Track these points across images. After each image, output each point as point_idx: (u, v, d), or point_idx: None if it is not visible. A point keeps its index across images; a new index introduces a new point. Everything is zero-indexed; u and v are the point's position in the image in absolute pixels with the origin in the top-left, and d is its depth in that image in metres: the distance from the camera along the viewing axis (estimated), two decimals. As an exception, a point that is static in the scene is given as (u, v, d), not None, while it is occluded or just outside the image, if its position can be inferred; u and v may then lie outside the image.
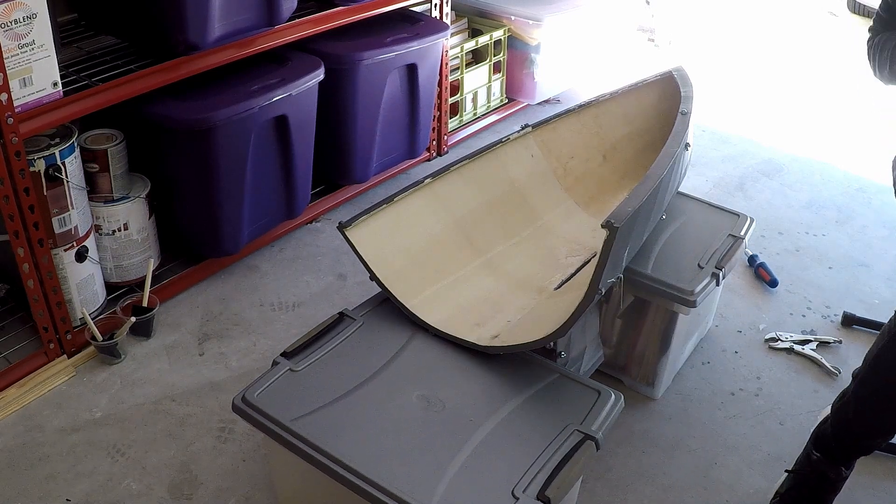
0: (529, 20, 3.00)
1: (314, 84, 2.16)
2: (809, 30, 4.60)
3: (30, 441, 1.69)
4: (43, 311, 1.80)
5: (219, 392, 1.84)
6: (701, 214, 1.96)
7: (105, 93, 1.78)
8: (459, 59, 2.89)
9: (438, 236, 1.75)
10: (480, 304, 1.66)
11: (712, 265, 1.74)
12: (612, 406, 1.38)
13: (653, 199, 1.49)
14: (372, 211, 1.64)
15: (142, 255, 2.05)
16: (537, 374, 1.44)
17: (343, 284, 2.23)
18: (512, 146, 1.96)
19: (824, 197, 2.76)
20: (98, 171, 1.92)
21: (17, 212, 1.66)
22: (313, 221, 2.50)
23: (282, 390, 1.37)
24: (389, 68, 2.39)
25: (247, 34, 2.03)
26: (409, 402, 1.37)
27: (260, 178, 2.14)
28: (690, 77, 1.95)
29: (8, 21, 1.53)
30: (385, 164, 2.63)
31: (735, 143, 3.15)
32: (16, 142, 1.61)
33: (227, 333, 2.03)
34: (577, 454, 1.26)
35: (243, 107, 1.96)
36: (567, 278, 1.75)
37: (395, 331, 1.54)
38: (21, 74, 1.59)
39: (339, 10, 2.28)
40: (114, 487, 1.60)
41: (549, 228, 1.92)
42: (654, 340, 1.80)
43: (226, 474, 1.64)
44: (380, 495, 1.18)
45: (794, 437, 1.77)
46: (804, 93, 3.66)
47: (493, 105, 3.16)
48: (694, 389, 1.91)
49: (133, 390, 1.84)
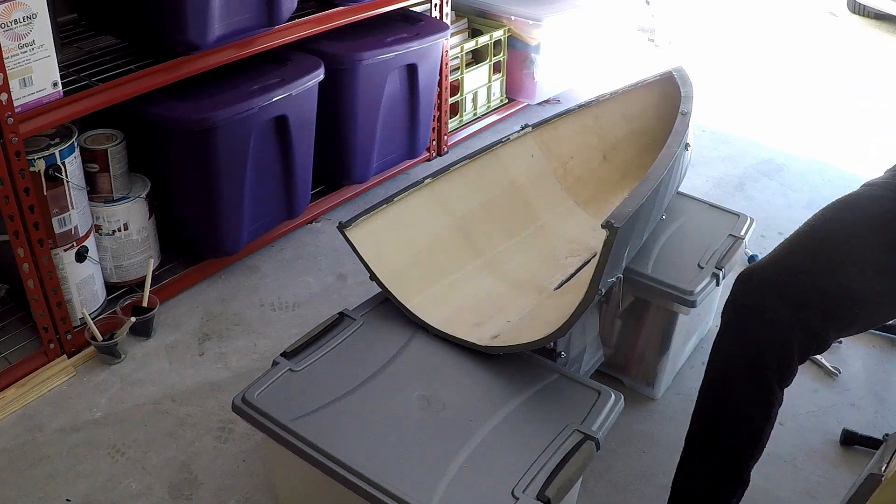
0: (529, 20, 3.00)
1: (314, 84, 2.16)
2: (809, 30, 4.60)
3: (30, 441, 1.69)
4: (43, 311, 1.80)
5: (219, 392, 1.84)
6: (701, 214, 1.95)
7: (105, 93, 1.78)
8: (459, 59, 2.89)
9: (438, 236, 1.75)
10: (480, 304, 1.66)
11: (712, 265, 1.74)
12: (612, 406, 1.38)
13: (653, 199, 1.49)
14: (372, 211, 1.64)
15: (142, 255, 2.05)
16: (537, 374, 1.44)
17: (343, 284, 2.23)
18: (512, 146, 1.96)
19: (824, 197, 2.75)
20: (98, 171, 1.92)
21: (17, 212, 1.66)
22: (313, 221, 2.50)
23: (282, 390, 1.37)
24: (389, 68, 2.39)
25: (247, 34, 2.03)
26: (409, 402, 1.37)
27: (260, 178, 2.14)
28: (690, 77, 1.95)
29: (8, 21, 1.53)
30: (385, 164, 2.64)
31: (735, 143, 3.15)
32: (16, 142, 1.61)
33: (227, 333, 2.03)
34: (577, 454, 1.26)
35: (243, 107, 1.96)
36: (567, 278, 1.75)
37: (395, 331, 1.54)
38: (21, 74, 1.59)
39: (339, 10, 2.28)
40: (114, 487, 1.60)
41: (549, 228, 1.92)
42: (654, 340, 1.80)
43: (226, 474, 1.64)
44: (380, 495, 1.18)
45: (794, 437, 1.77)
46: (804, 93, 3.66)
47: (493, 105, 3.16)
48: (694, 389, 1.89)
49: (133, 390, 1.84)
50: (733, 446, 1.33)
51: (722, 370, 1.30)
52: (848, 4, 4.89)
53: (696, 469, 1.40)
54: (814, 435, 1.78)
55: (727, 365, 1.29)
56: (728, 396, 1.30)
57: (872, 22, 4.71)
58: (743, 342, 1.26)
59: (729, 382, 1.29)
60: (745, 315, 1.26)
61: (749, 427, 1.30)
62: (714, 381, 1.33)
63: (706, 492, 1.39)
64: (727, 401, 1.30)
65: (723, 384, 1.30)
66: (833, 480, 1.68)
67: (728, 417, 1.31)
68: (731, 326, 1.29)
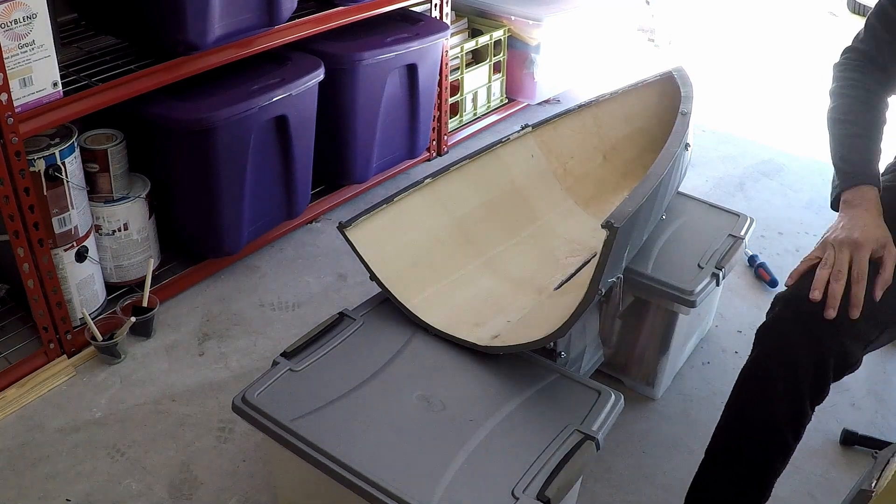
0: (529, 20, 3.00)
1: (314, 84, 2.16)
2: (809, 30, 4.60)
3: (30, 441, 1.69)
4: (43, 311, 1.80)
5: (219, 392, 1.84)
6: (701, 214, 1.95)
7: (105, 93, 1.78)
8: (459, 59, 2.89)
9: (438, 236, 1.75)
10: (480, 304, 1.66)
11: (712, 265, 1.74)
12: (612, 406, 1.38)
13: (653, 199, 1.49)
14: (372, 211, 1.64)
15: (142, 255, 2.05)
16: (537, 374, 1.44)
17: (343, 284, 2.23)
18: (512, 146, 1.96)
19: (824, 197, 2.75)
20: (98, 171, 1.92)
21: (17, 212, 1.66)
22: (313, 221, 2.50)
23: (282, 390, 1.37)
24: (389, 68, 2.39)
25: (247, 34, 2.03)
26: (409, 402, 1.37)
27: (260, 178, 2.14)
28: (690, 77, 1.95)
29: (8, 21, 1.53)
30: (385, 164, 2.64)
31: (735, 143, 3.15)
32: (16, 142, 1.61)
33: (227, 333, 2.03)
34: (577, 454, 1.26)
35: (243, 107, 1.96)
36: (567, 278, 1.75)
37: (395, 331, 1.54)
38: (21, 74, 1.59)
39: (339, 10, 2.28)
40: (114, 487, 1.60)
41: (549, 228, 1.92)
42: (654, 340, 1.80)
43: (226, 474, 1.64)
44: (380, 495, 1.18)
45: (794, 437, 1.77)
46: (804, 93, 3.66)
47: (493, 105, 3.16)
48: (694, 389, 1.91)
49: (133, 390, 1.84)
50: (762, 461, 1.33)
51: (757, 388, 1.31)
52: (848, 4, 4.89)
53: (720, 481, 1.40)
54: (814, 435, 1.78)
55: (764, 383, 1.29)
56: (762, 413, 1.30)
57: (872, 22, 4.70)
58: (781, 362, 1.26)
59: (764, 400, 1.29)
60: (783, 336, 1.26)
61: (780, 443, 1.31)
62: (748, 397, 1.33)
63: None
64: (760, 418, 1.31)
65: (757, 400, 1.31)
66: (833, 480, 1.68)
67: (760, 433, 1.32)
68: (768, 346, 1.29)
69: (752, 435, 1.33)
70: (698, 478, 1.44)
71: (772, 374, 1.27)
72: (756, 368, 1.31)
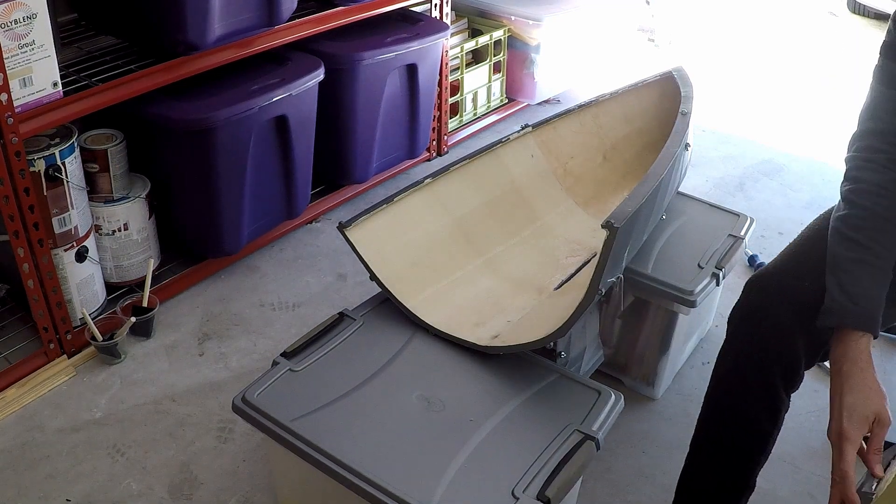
0: (529, 20, 3.00)
1: (314, 84, 2.16)
2: (809, 30, 4.60)
3: (30, 441, 1.69)
4: (43, 311, 1.80)
5: (219, 392, 1.84)
6: (701, 214, 1.95)
7: (105, 93, 1.78)
8: (459, 59, 2.89)
9: (438, 236, 1.75)
10: (480, 304, 1.66)
11: (712, 265, 1.74)
12: (612, 406, 1.38)
13: (653, 199, 1.49)
14: (372, 211, 1.64)
15: (142, 255, 2.05)
16: (537, 374, 1.44)
17: (343, 284, 2.23)
18: (512, 146, 1.96)
19: (824, 197, 2.75)
20: (98, 171, 1.92)
21: (17, 212, 1.66)
22: (313, 221, 2.50)
23: (282, 390, 1.37)
24: (389, 68, 2.39)
25: (247, 34, 2.03)
26: (409, 402, 1.37)
27: (260, 178, 2.14)
28: (690, 77, 1.95)
29: (8, 21, 1.53)
30: (385, 165, 2.64)
31: (735, 143, 3.15)
32: (16, 142, 1.61)
33: (227, 333, 2.03)
34: (577, 454, 1.26)
35: (243, 107, 1.96)
36: (567, 278, 1.75)
37: (395, 331, 1.54)
38: (21, 74, 1.59)
39: (339, 10, 2.28)
40: (114, 487, 1.60)
41: (549, 228, 1.92)
42: (654, 340, 1.80)
43: (226, 474, 1.64)
44: (380, 495, 1.18)
45: (795, 437, 1.77)
46: (804, 93, 3.66)
47: (493, 105, 3.16)
48: (694, 389, 1.91)
49: (133, 390, 1.84)
50: (740, 450, 1.33)
51: (729, 375, 1.30)
52: (848, 4, 4.90)
53: (703, 473, 1.40)
54: (814, 435, 1.78)
55: (735, 370, 1.29)
56: (735, 401, 1.29)
57: (872, 22, 4.71)
58: (750, 348, 1.25)
59: (736, 387, 1.29)
60: (751, 321, 1.26)
61: (756, 432, 1.30)
62: (721, 386, 1.33)
63: (713, 495, 1.39)
64: (734, 406, 1.30)
65: (730, 389, 1.30)
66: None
67: (735, 422, 1.31)
68: (738, 332, 1.29)
69: (727, 423, 1.32)
70: (685, 470, 1.44)
71: (741, 361, 1.27)
72: (727, 354, 1.31)
